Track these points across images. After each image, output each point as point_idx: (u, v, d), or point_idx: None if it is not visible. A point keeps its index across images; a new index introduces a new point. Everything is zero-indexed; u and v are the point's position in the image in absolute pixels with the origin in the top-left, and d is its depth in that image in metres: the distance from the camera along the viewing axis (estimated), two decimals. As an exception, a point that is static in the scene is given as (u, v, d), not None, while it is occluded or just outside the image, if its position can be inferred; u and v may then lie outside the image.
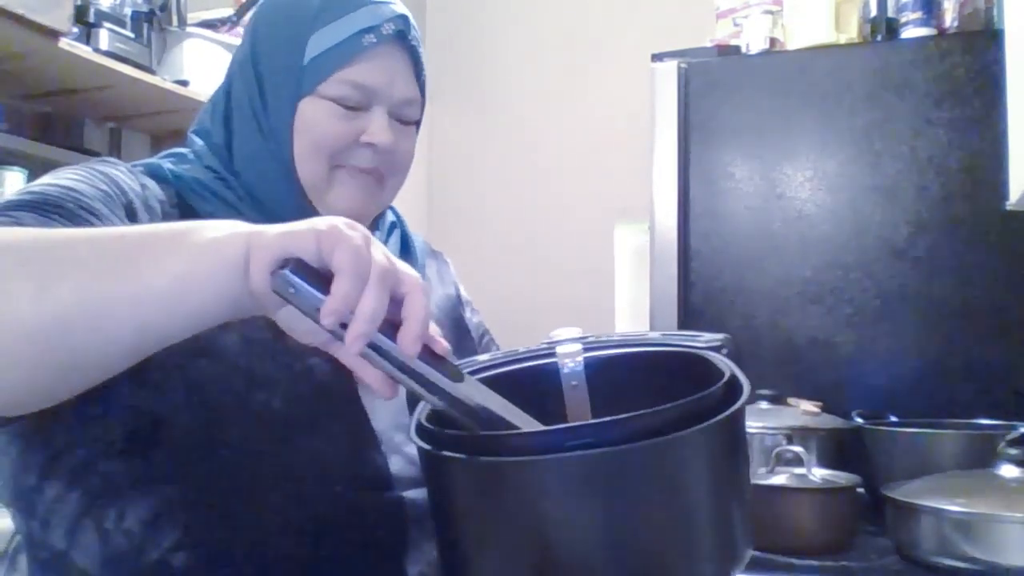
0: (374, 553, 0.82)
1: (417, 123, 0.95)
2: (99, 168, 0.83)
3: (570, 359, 0.75)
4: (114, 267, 0.59)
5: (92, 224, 0.73)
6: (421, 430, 0.64)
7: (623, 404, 0.64)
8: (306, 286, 0.57)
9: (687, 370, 0.71)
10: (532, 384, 0.73)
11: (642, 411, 0.57)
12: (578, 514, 0.57)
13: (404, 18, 0.89)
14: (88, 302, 0.58)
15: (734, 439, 0.64)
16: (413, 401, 0.71)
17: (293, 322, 0.62)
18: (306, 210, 0.88)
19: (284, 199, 0.88)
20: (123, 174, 0.84)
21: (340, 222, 0.60)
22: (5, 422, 0.62)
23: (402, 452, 0.85)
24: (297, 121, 0.87)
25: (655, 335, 0.79)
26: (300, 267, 0.58)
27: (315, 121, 0.86)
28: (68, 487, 0.76)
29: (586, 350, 0.76)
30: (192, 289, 0.59)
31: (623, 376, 0.75)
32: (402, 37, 0.89)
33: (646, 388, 0.71)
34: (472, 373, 0.72)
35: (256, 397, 0.79)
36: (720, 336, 0.73)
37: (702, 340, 0.73)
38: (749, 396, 0.63)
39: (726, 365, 0.67)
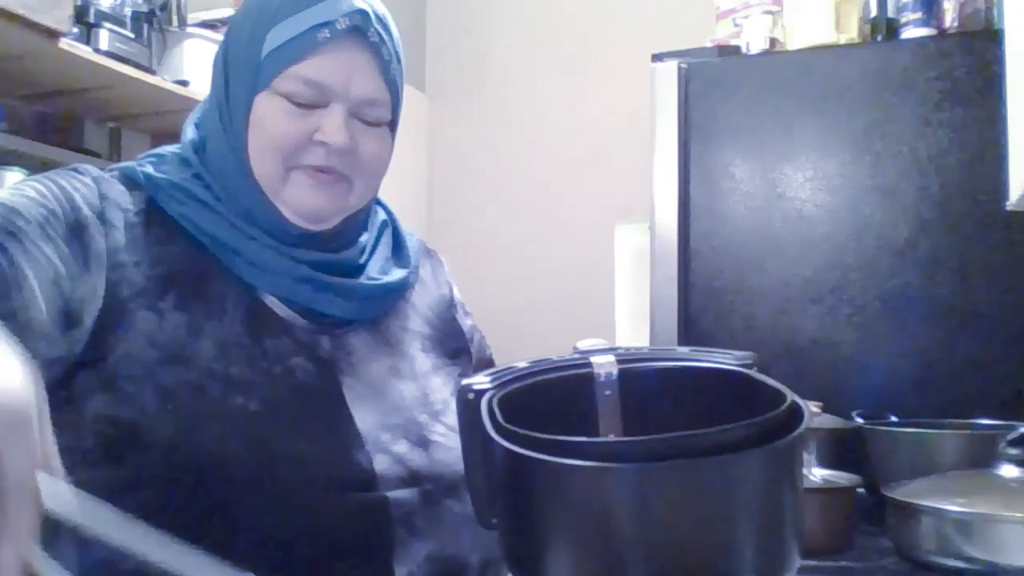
0: (361, 554, 0.81)
1: (390, 124, 0.92)
2: (61, 181, 0.83)
3: (606, 369, 0.78)
4: None
5: (5, 247, 0.73)
6: (500, 429, 0.66)
7: (654, 415, 0.69)
8: None
9: (719, 386, 0.75)
10: (564, 392, 0.77)
11: (716, 428, 0.61)
12: (647, 522, 0.61)
13: (363, 13, 0.85)
14: None
15: (797, 460, 0.68)
16: (402, 403, 0.72)
17: None
18: (268, 208, 0.87)
19: (247, 195, 0.87)
20: (83, 187, 0.83)
21: None
22: None
23: (388, 451, 0.84)
24: (252, 116, 0.86)
25: (684, 350, 0.82)
26: None
27: (267, 117, 0.85)
28: None
29: (619, 362, 0.79)
30: None
31: (653, 388, 0.78)
32: (360, 32, 0.85)
33: (677, 401, 0.76)
34: (510, 380, 0.75)
35: (234, 401, 0.79)
36: (748, 354, 0.77)
37: (732, 357, 0.77)
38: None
39: (781, 386, 0.70)
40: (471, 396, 0.72)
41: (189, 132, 0.92)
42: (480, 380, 0.73)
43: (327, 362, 0.87)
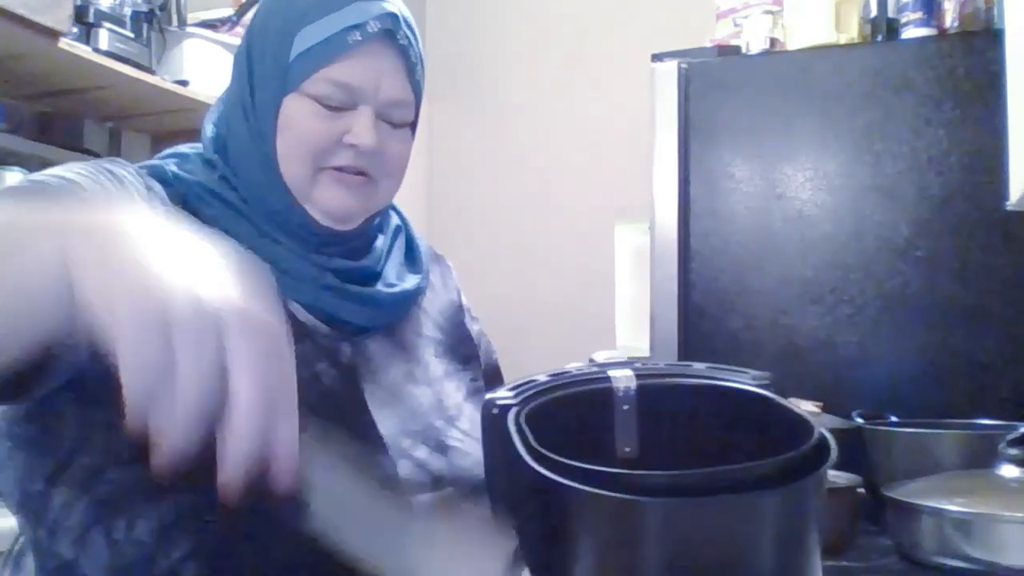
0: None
1: (412, 125, 0.93)
2: (107, 167, 0.82)
3: (624, 383, 0.79)
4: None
5: None
6: (532, 452, 0.67)
7: (669, 431, 0.72)
8: None
9: (736, 406, 0.76)
10: (583, 405, 0.78)
11: (757, 462, 0.62)
12: (670, 555, 0.62)
13: (393, 16, 0.86)
14: None
15: (820, 495, 0.69)
16: (419, 409, 0.73)
17: None
18: (295, 210, 0.87)
19: (274, 197, 0.87)
20: (129, 175, 0.83)
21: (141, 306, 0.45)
22: None
23: (410, 456, 0.85)
24: (280, 119, 0.86)
25: (700, 367, 0.82)
26: None
27: (297, 120, 0.85)
28: (76, 495, 0.75)
29: (637, 377, 0.80)
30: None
31: (670, 404, 0.80)
32: (390, 36, 0.86)
33: (694, 419, 0.78)
34: (533, 395, 0.75)
35: None
36: (765, 374, 0.78)
37: (749, 376, 0.78)
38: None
39: (803, 412, 0.71)
40: (495, 411, 0.72)
41: (209, 131, 0.92)
42: (504, 395, 0.74)
43: (349, 368, 0.87)
